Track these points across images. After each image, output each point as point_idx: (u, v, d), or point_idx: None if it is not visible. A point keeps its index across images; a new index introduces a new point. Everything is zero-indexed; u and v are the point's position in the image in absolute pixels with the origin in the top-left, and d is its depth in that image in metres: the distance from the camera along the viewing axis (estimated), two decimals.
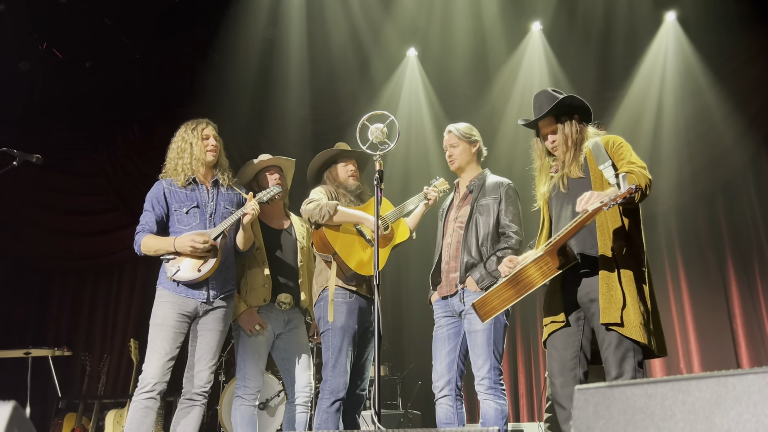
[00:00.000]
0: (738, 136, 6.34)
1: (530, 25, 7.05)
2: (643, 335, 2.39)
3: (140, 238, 3.22)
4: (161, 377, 3.04)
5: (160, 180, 3.37)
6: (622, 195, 2.23)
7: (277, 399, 5.28)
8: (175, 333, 3.12)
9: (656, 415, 1.30)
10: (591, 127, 2.79)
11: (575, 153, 2.71)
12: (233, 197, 3.45)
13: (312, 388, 3.49)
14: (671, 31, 6.75)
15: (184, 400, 3.17)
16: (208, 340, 3.20)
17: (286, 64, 7.09)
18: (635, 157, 2.58)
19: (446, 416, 3.12)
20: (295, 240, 3.67)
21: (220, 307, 3.24)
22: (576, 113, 2.77)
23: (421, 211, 3.65)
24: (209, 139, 3.36)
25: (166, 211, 3.29)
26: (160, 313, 3.14)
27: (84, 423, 5.64)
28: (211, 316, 3.22)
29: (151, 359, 3.06)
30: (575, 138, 2.72)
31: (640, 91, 6.83)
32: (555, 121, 2.76)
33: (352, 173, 3.59)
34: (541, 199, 2.83)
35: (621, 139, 2.67)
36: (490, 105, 7.17)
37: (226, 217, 3.30)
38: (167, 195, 3.30)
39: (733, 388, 1.20)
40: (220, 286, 3.24)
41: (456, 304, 3.18)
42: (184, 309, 3.15)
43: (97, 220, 7.50)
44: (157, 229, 3.24)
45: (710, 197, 6.59)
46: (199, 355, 3.18)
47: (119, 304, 7.48)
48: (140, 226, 3.27)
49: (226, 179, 3.43)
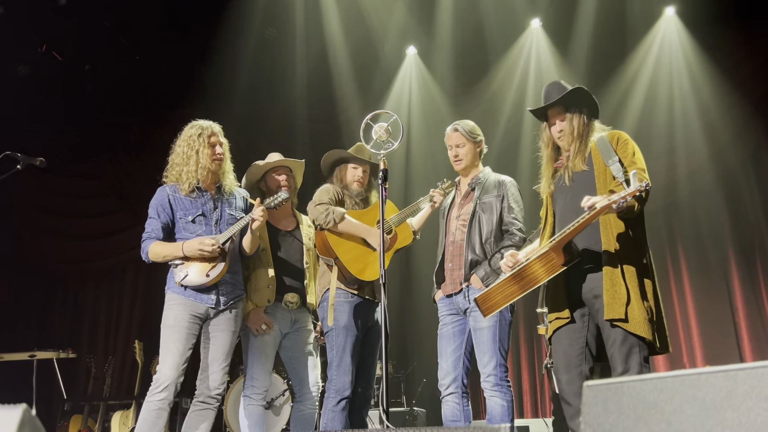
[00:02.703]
0: (738, 130, 6.34)
1: (529, 21, 7.05)
2: (648, 331, 2.39)
3: (147, 245, 3.20)
4: (176, 378, 3.04)
5: (164, 186, 3.33)
6: (631, 193, 2.23)
7: (282, 398, 5.29)
8: (188, 334, 3.12)
9: (666, 410, 1.30)
10: (597, 123, 2.78)
11: (580, 146, 2.69)
12: (237, 202, 3.43)
13: (319, 388, 3.50)
14: (671, 26, 6.75)
15: (197, 402, 3.17)
16: (220, 341, 3.20)
17: (286, 63, 7.09)
18: (639, 158, 2.57)
19: (453, 414, 3.13)
20: (301, 241, 3.67)
21: (231, 308, 3.24)
22: (585, 107, 2.75)
23: (426, 212, 3.64)
24: (216, 146, 3.30)
25: (172, 218, 3.25)
26: (172, 315, 3.14)
27: (90, 425, 5.65)
28: (222, 317, 3.21)
29: (166, 360, 3.06)
30: (581, 130, 2.71)
31: (641, 86, 6.83)
32: (564, 110, 2.75)
33: (359, 179, 3.56)
34: (545, 191, 2.81)
35: (627, 136, 2.66)
36: (488, 103, 7.16)
37: (231, 223, 3.28)
38: (172, 202, 3.25)
39: (743, 382, 1.21)
40: (229, 291, 3.24)
41: (461, 302, 3.18)
42: (196, 311, 3.15)
43: (100, 222, 7.51)
44: (163, 236, 3.22)
45: (712, 191, 6.59)
46: (212, 357, 3.18)
47: (123, 305, 7.49)
48: (146, 233, 3.24)
49: (229, 183, 3.39)
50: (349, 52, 7.02)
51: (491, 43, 6.99)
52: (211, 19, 6.63)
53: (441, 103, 7.36)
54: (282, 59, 7.06)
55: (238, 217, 3.34)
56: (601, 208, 2.30)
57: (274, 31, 6.87)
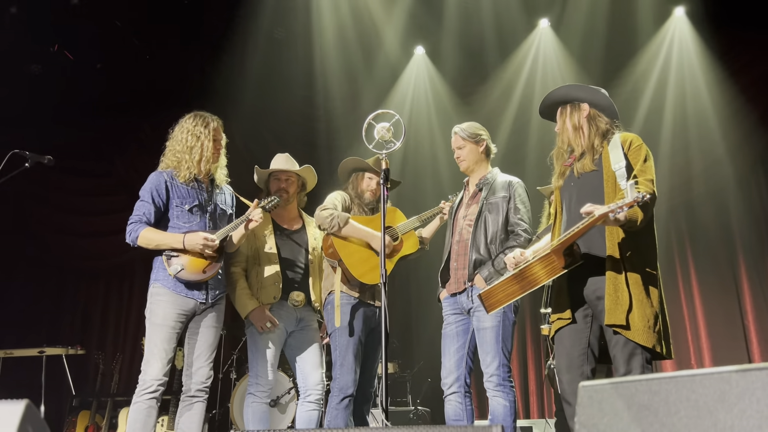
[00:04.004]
0: (749, 132, 6.29)
1: (538, 21, 7.03)
2: (648, 339, 2.37)
3: (138, 228, 3.11)
4: (163, 377, 3.07)
5: (160, 171, 3.26)
6: (628, 203, 2.21)
7: (287, 396, 5.32)
8: (174, 333, 3.12)
9: (660, 411, 1.30)
10: (613, 122, 2.70)
11: (586, 143, 2.66)
12: (226, 197, 3.45)
13: (324, 386, 3.52)
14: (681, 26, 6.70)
15: (185, 397, 3.19)
16: (206, 337, 3.21)
17: (294, 63, 7.11)
18: (649, 166, 2.52)
19: (455, 413, 3.14)
20: (306, 241, 3.69)
21: (216, 305, 3.27)
22: (590, 104, 2.70)
23: (436, 224, 3.69)
24: (218, 141, 3.32)
25: (165, 204, 3.20)
26: (161, 313, 3.11)
27: (97, 420, 5.70)
28: (209, 314, 3.23)
29: (153, 360, 3.07)
30: (583, 129, 2.67)
31: (651, 86, 6.79)
32: (562, 108, 2.75)
33: (372, 189, 3.61)
34: (555, 186, 2.80)
35: (640, 141, 2.60)
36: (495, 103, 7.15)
37: (221, 217, 3.31)
38: (169, 188, 3.21)
39: (737, 384, 1.21)
40: (216, 287, 3.27)
41: (464, 302, 3.19)
42: (184, 308, 3.15)
43: (110, 219, 7.54)
44: (153, 222, 3.16)
45: (720, 193, 6.54)
46: (199, 352, 3.20)
47: (132, 303, 7.54)
48: (137, 216, 3.15)
49: (220, 177, 3.40)
50: (357, 52, 7.03)
51: (499, 44, 6.97)
52: (221, 20, 6.67)
53: (448, 103, 7.35)
54: (290, 59, 7.09)
55: (228, 212, 3.37)
56: (598, 217, 2.28)
57: (283, 32, 6.90)
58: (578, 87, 2.74)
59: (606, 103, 2.71)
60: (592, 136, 2.66)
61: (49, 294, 7.55)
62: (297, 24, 6.78)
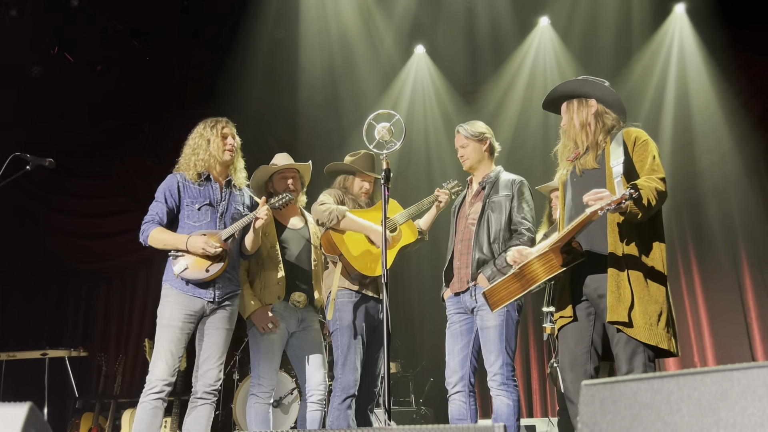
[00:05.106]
0: (750, 128, 6.28)
1: (538, 19, 7.02)
2: (650, 336, 2.36)
3: (149, 228, 3.20)
4: (169, 378, 3.07)
5: (174, 173, 3.36)
6: (615, 201, 2.19)
7: (290, 397, 5.32)
8: (182, 333, 3.13)
9: (662, 409, 1.30)
10: (620, 119, 2.68)
11: (591, 139, 2.63)
12: (245, 199, 3.46)
13: (326, 387, 3.51)
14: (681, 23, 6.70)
15: (194, 399, 3.19)
16: (215, 339, 3.21)
17: (295, 64, 7.11)
18: (658, 164, 2.48)
19: (459, 412, 3.13)
20: (309, 240, 3.69)
21: (227, 305, 3.26)
22: (598, 100, 2.67)
23: (433, 213, 3.68)
24: (228, 138, 3.36)
25: (178, 204, 3.27)
26: (167, 314, 3.15)
27: (101, 422, 5.71)
28: (218, 315, 3.23)
29: (159, 360, 3.08)
30: (587, 121, 2.64)
31: (653, 83, 6.78)
32: (567, 103, 2.72)
33: (366, 190, 3.65)
34: (559, 180, 2.78)
35: (646, 136, 2.56)
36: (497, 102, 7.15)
37: (235, 218, 3.30)
38: (181, 189, 3.28)
39: (739, 382, 1.21)
40: (226, 286, 3.25)
41: (468, 301, 3.18)
42: (191, 309, 3.16)
43: (111, 221, 7.58)
44: (165, 222, 3.23)
45: (723, 191, 6.53)
46: (207, 354, 3.20)
47: (134, 304, 7.56)
48: (150, 216, 3.24)
49: (239, 180, 3.44)
50: (358, 51, 7.03)
51: (499, 42, 6.97)
52: (222, 21, 6.68)
53: (449, 103, 7.35)
54: (291, 60, 7.09)
55: (244, 213, 3.37)
56: (591, 214, 2.27)
57: (284, 32, 6.90)
58: (586, 82, 2.69)
59: (614, 98, 2.68)
60: (597, 132, 2.63)
61: (52, 296, 7.57)
62: (297, 24, 6.78)
